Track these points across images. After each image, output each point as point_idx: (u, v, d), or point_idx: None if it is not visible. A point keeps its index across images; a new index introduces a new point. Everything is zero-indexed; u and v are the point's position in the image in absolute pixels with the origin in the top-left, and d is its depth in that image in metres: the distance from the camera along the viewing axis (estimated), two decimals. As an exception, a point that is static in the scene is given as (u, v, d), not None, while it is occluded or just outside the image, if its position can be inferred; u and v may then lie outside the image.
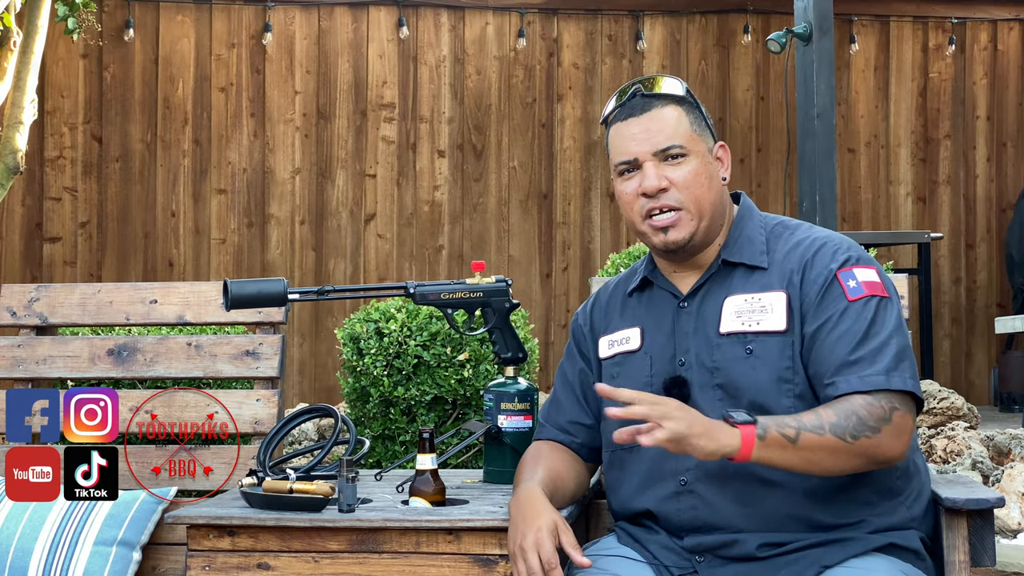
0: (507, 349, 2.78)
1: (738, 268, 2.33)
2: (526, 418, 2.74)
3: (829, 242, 2.30)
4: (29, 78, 5.35)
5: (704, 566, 2.23)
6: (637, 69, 8.29)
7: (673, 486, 2.27)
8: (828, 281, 2.24)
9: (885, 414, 2.13)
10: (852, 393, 2.15)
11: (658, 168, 2.31)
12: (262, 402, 3.05)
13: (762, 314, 2.25)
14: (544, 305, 8.11)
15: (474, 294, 2.77)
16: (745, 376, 2.23)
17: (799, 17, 6.16)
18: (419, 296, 2.75)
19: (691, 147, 2.32)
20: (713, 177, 2.34)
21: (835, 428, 2.09)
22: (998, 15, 8.68)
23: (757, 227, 2.38)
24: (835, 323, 2.20)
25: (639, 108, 2.35)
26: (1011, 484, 4.57)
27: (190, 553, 2.42)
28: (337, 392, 7.62)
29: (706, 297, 2.33)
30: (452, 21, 8.17)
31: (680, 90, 2.37)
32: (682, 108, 2.35)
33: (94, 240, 7.89)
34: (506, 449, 2.74)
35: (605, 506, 2.84)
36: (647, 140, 2.32)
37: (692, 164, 2.32)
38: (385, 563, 2.37)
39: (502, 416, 2.73)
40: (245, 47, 8.01)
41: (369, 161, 8.08)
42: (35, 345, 3.16)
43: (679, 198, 2.31)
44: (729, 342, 2.26)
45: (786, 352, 2.22)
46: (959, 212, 8.63)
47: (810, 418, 2.11)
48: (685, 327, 2.33)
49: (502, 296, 2.77)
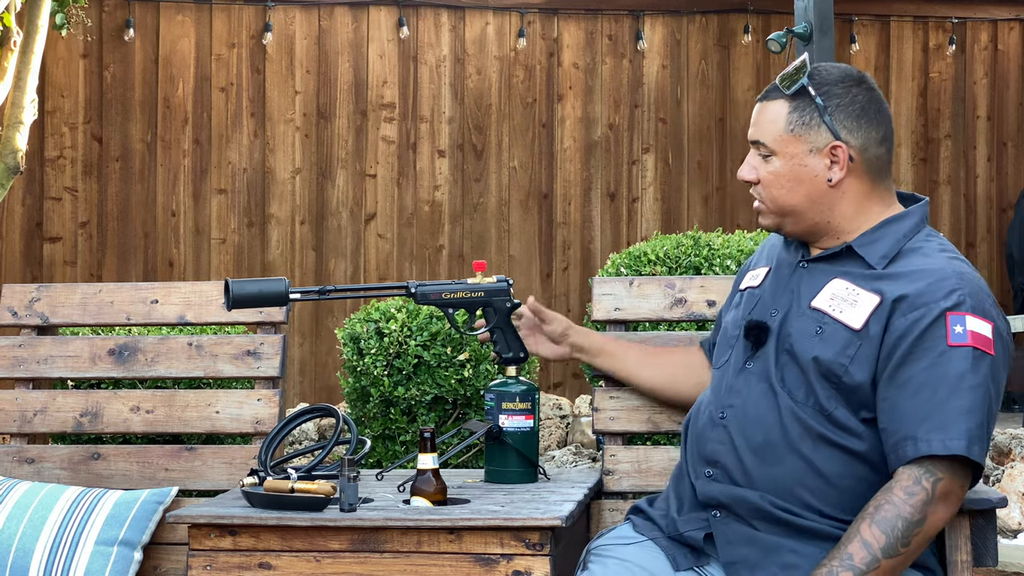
0: (508, 349, 2.78)
1: (860, 259, 2.33)
2: (527, 418, 2.74)
3: (953, 279, 2.22)
4: (29, 78, 5.34)
5: (719, 522, 2.30)
6: (637, 69, 8.29)
7: (716, 414, 2.37)
8: (934, 318, 2.19)
9: (927, 496, 2.14)
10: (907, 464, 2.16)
11: (754, 159, 2.39)
12: (263, 402, 3.05)
13: (849, 306, 2.27)
14: (544, 305, 8.08)
15: (475, 294, 2.76)
16: (805, 352, 2.27)
17: (799, 17, 6.16)
18: (420, 296, 2.75)
19: (777, 147, 2.33)
20: (801, 180, 2.33)
21: (887, 550, 2.12)
22: (998, 15, 8.68)
23: (902, 233, 2.33)
24: (927, 366, 2.17)
25: (763, 97, 2.40)
26: (1012, 484, 4.57)
27: (191, 553, 2.42)
28: (338, 392, 7.62)
29: (824, 269, 2.35)
30: (452, 21, 8.17)
31: (794, 88, 2.32)
32: (789, 105, 2.33)
33: (94, 240, 7.89)
34: (507, 449, 2.74)
35: (606, 506, 2.85)
36: (751, 130, 2.40)
37: (774, 164, 2.35)
38: (386, 562, 2.37)
39: (503, 416, 2.73)
40: (245, 47, 8.00)
41: (369, 161, 8.08)
42: (36, 345, 3.16)
43: (760, 193, 2.39)
44: (811, 316, 2.30)
45: (848, 350, 2.23)
46: (959, 212, 8.63)
47: (862, 555, 2.12)
48: (795, 285, 2.38)
49: (503, 296, 2.77)
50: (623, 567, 2.31)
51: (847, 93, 2.32)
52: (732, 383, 2.36)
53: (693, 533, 2.33)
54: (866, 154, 2.33)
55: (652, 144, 8.33)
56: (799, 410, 2.25)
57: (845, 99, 2.32)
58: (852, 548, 2.12)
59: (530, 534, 2.34)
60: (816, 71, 2.34)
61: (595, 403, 2.91)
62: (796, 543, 2.22)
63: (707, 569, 2.32)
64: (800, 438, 2.24)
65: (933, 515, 2.14)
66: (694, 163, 8.35)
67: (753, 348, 2.35)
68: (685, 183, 8.35)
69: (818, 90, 2.32)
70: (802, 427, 2.24)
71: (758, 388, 2.31)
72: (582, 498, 2.59)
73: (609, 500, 2.88)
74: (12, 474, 3.06)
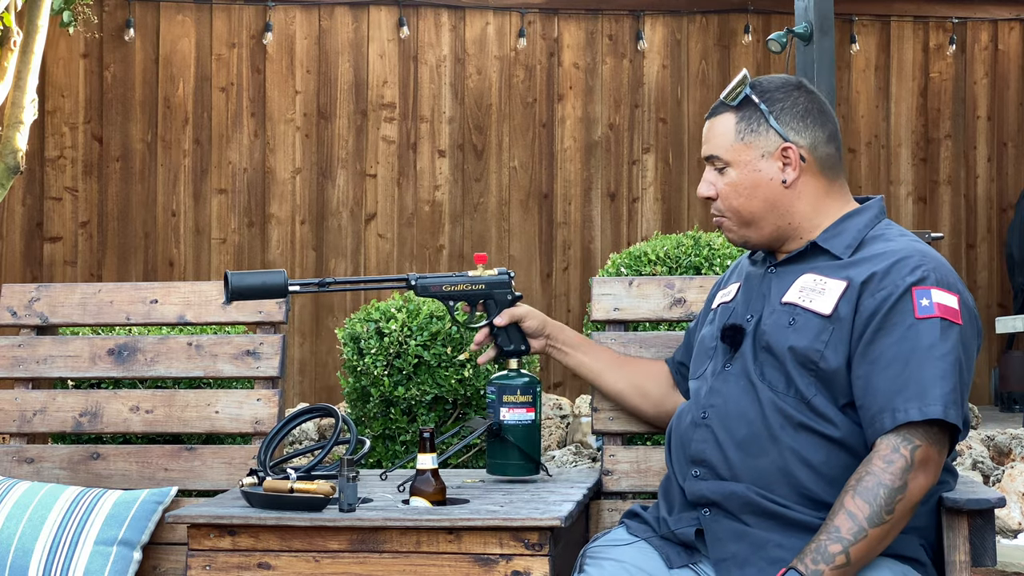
0: (510, 342, 2.76)
1: (825, 253, 2.38)
2: (529, 411, 2.71)
3: (915, 256, 2.29)
4: (29, 78, 5.35)
5: (708, 520, 2.31)
6: (638, 69, 8.30)
7: (698, 415, 2.40)
8: (900, 293, 2.25)
9: (906, 463, 2.16)
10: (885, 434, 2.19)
11: (711, 174, 2.44)
12: (262, 402, 3.05)
13: (818, 295, 2.32)
14: (544, 305, 8.10)
15: (476, 286, 2.73)
16: (780, 344, 2.31)
17: (800, 17, 6.16)
18: (420, 288, 2.73)
19: (731, 157, 2.40)
20: (758, 185, 2.39)
21: (872, 519, 2.15)
22: (999, 15, 8.68)
23: (863, 224, 2.40)
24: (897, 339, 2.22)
25: (710, 114, 2.46)
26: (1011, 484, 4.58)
27: (191, 553, 2.42)
28: (337, 392, 7.62)
29: (792, 270, 2.41)
30: (452, 21, 8.17)
31: (737, 99, 2.40)
32: (736, 116, 2.40)
33: (94, 240, 7.89)
34: (508, 443, 2.73)
35: (605, 506, 2.85)
36: (704, 146, 2.46)
37: (730, 176, 2.41)
38: (386, 562, 2.37)
39: (504, 409, 2.71)
40: (246, 47, 8.01)
41: (370, 161, 8.08)
42: (35, 345, 3.16)
43: (720, 207, 2.44)
44: (782, 310, 2.34)
45: (822, 336, 2.27)
46: (960, 212, 8.63)
47: (848, 525, 2.15)
48: (766, 289, 2.42)
49: (504, 288, 2.75)
50: (619, 567, 2.33)
51: (788, 97, 2.41)
52: (712, 385, 2.39)
53: (684, 530, 2.36)
54: (816, 152, 2.40)
55: (652, 144, 8.33)
56: (780, 401, 2.28)
57: (787, 102, 2.40)
58: (838, 521, 2.15)
59: (529, 534, 2.34)
60: (757, 82, 2.43)
61: (595, 403, 2.91)
62: (784, 538, 2.24)
63: (700, 566, 2.33)
64: (782, 428, 2.27)
65: (914, 481, 2.16)
66: (694, 163, 8.36)
67: (731, 350, 2.39)
68: (685, 183, 8.35)
69: (761, 97, 2.40)
70: (783, 417, 2.28)
71: (738, 385, 2.35)
72: (581, 498, 2.59)
73: (608, 500, 2.88)
74: (12, 474, 3.06)
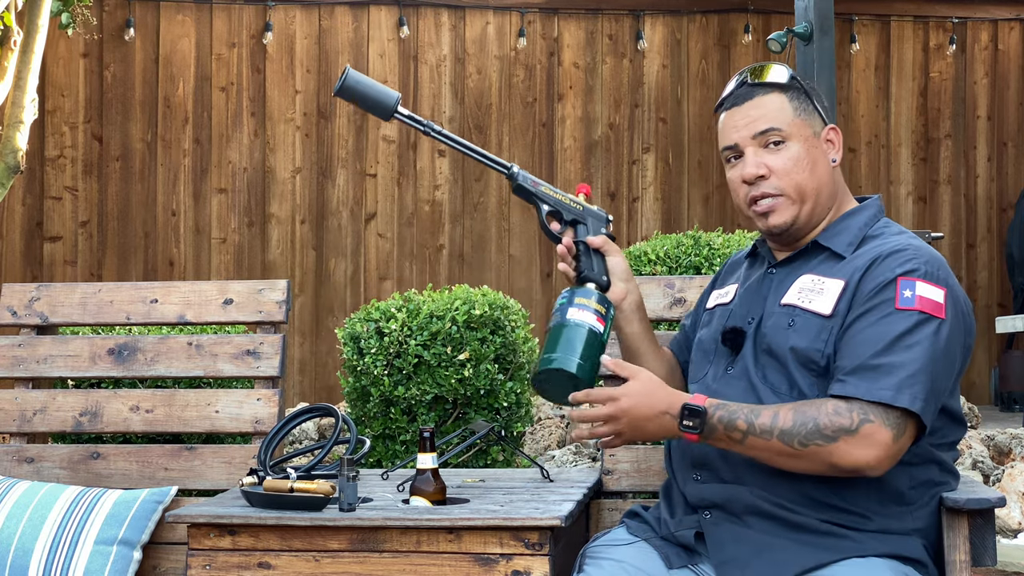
0: (592, 268, 2.50)
1: (825, 251, 2.38)
2: (599, 321, 2.38)
3: (909, 250, 2.30)
4: (30, 77, 5.35)
5: (709, 523, 2.31)
6: (638, 69, 8.29)
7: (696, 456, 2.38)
8: (886, 282, 2.25)
9: (850, 425, 2.16)
10: (840, 397, 2.19)
11: (758, 155, 2.37)
12: (263, 401, 3.05)
13: (817, 295, 2.31)
14: (545, 304, 8.10)
15: (573, 204, 2.58)
16: (781, 346, 2.30)
17: (800, 17, 6.16)
18: (520, 179, 2.57)
19: (792, 131, 2.36)
20: (817, 161, 2.38)
21: (784, 434, 2.17)
22: (999, 15, 8.68)
23: (863, 222, 2.40)
24: (872, 323, 2.23)
25: (743, 97, 2.40)
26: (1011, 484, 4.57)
27: (191, 552, 2.42)
28: (337, 391, 7.62)
29: (791, 271, 2.40)
30: (452, 20, 8.17)
31: (783, 77, 2.40)
32: (786, 95, 2.38)
33: (94, 239, 7.89)
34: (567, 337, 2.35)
35: (605, 506, 2.85)
36: (746, 126, 2.38)
37: (792, 149, 2.36)
38: (386, 562, 2.37)
39: (574, 308, 2.38)
40: (246, 46, 8.01)
41: (370, 160, 8.08)
42: (35, 345, 3.16)
43: (778, 184, 2.37)
44: (781, 312, 2.34)
45: (822, 336, 2.27)
46: (960, 212, 8.63)
47: (765, 419, 2.18)
48: (765, 291, 2.41)
49: (600, 222, 2.57)
50: (618, 567, 2.32)
51: (813, 86, 2.44)
52: (714, 389, 2.37)
53: (684, 532, 2.35)
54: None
55: (652, 144, 8.33)
56: (778, 402, 2.27)
57: (815, 90, 2.43)
58: (764, 412, 2.19)
59: (529, 534, 2.34)
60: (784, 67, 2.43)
61: (595, 403, 2.90)
62: (787, 540, 2.23)
63: (700, 567, 2.33)
64: None
65: (844, 444, 2.15)
66: (694, 163, 8.36)
67: (732, 353, 2.39)
68: (685, 183, 8.35)
69: (803, 81, 2.42)
70: None
71: (740, 387, 2.33)
72: (581, 498, 2.59)
73: (609, 500, 2.88)
74: (12, 473, 3.06)
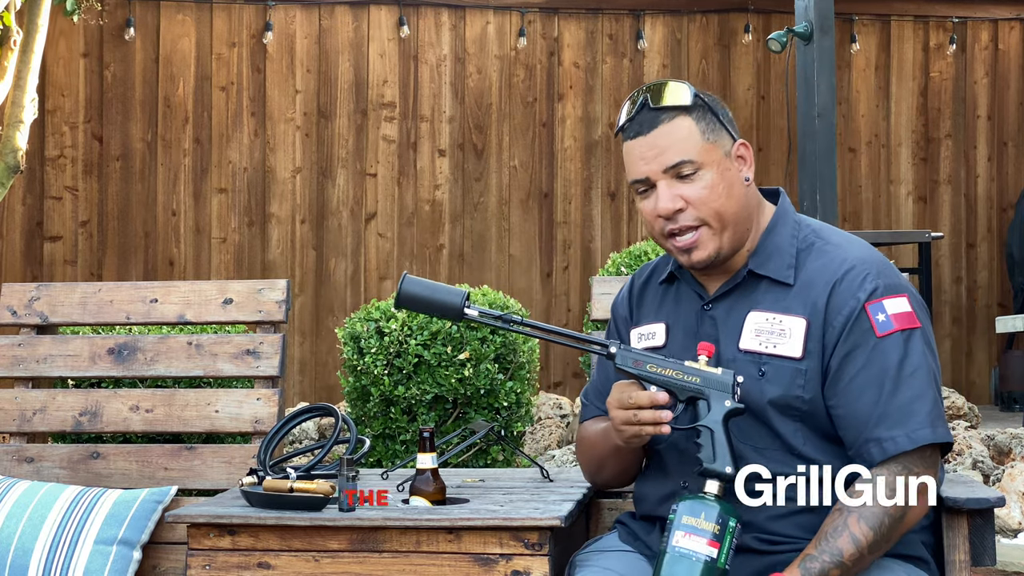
0: (714, 457, 2.16)
1: (764, 280, 2.29)
2: (712, 544, 2.08)
3: (858, 266, 2.23)
4: (29, 77, 5.35)
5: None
6: (638, 68, 8.29)
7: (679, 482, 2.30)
8: (856, 314, 2.19)
9: (909, 496, 2.14)
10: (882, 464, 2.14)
11: (671, 187, 2.25)
12: (262, 401, 3.05)
13: (780, 337, 2.23)
14: (544, 304, 8.10)
15: (689, 378, 2.21)
16: (754, 395, 2.22)
17: (800, 16, 6.16)
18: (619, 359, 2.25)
19: (704, 159, 2.24)
20: (733, 184, 2.26)
21: (873, 546, 2.13)
22: (999, 14, 8.68)
23: (788, 237, 2.30)
24: (863, 364, 2.17)
25: (647, 125, 2.27)
26: (1011, 483, 4.57)
27: (190, 552, 2.42)
28: (338, 391, 7.62)
29: (732, 306, 2.30)
30: (453, 20, 8.17)
31: (687, 98, 2.26)
32: (691, 117, 2.25)
33: (95, 239, 7.89)
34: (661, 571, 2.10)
35: (605, 506, 2.85)
36: (656, 159, 2.25)
37: (706, 177, 2.24)
38: (385, 562, 2.37)
39: (680, 532, 2.10)
40: (246, 46, 8.00)
41: (370, 160, 8.08)
42: (35, 344, 3.16)
43: (696, 215, 2.25)
44: (746, 360, 2.24)
45: (798, 381, 2.21)
46: (960, 211, 8.63)
47: (851, 551, 2.11)
48: (708, 331, 2.31)
49: (725, 392, 2.20)
50: (607, 575, 2.30)
51: (715, 98, 2.33)
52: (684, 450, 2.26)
53: None
54: None
55: (652, 143, 8.32)
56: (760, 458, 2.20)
57: (718, 102, 2.32)
58: (842, 543, 2.11)
59: (529, 534, 2.34)
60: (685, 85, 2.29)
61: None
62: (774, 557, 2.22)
63: None
64: None
65: (913, 511, 2.15)
66: (694, 162, 8.35)
67: None
68: (685, 182, 8.34)
69: (706, 97, 2.30)
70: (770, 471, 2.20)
71: None
72: (581, 498, 2.59)
73: (608, 500, 2.87)
74: (11, 473, 3.06)
